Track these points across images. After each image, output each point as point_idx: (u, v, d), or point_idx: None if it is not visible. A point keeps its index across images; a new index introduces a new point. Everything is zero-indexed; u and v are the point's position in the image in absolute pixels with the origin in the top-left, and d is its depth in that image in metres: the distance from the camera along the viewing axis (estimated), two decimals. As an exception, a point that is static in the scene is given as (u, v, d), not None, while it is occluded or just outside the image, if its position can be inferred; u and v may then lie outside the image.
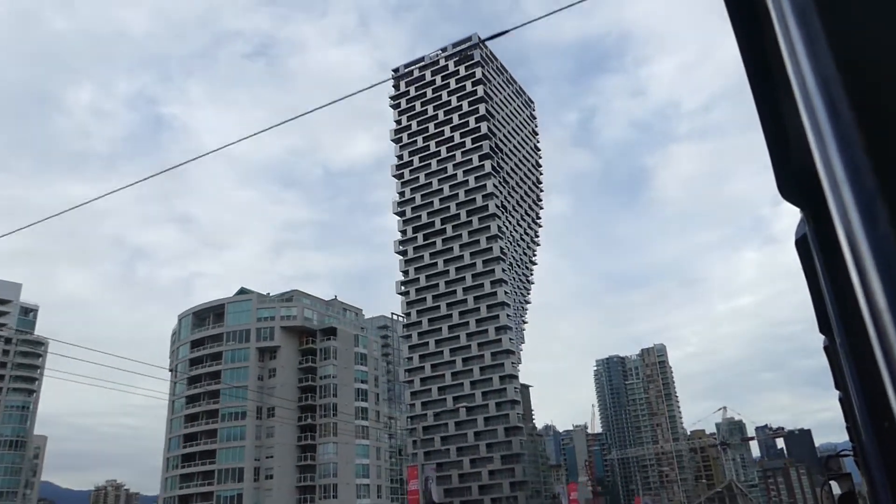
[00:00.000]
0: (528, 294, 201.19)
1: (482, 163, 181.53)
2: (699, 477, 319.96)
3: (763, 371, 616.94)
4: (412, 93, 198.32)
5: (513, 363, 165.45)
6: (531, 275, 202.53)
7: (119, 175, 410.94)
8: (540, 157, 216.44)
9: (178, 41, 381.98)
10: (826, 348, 4.91)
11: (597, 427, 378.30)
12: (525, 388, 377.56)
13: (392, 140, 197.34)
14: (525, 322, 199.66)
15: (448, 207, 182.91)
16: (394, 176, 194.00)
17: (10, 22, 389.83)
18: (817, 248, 2.09)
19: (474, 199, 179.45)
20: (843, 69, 0.94)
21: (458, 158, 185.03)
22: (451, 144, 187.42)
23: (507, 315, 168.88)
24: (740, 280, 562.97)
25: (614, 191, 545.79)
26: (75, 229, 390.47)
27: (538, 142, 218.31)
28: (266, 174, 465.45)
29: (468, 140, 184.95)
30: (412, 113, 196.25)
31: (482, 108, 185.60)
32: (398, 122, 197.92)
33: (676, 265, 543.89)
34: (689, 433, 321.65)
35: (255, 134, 13.05)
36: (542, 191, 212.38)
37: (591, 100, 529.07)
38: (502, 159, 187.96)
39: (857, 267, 0.85)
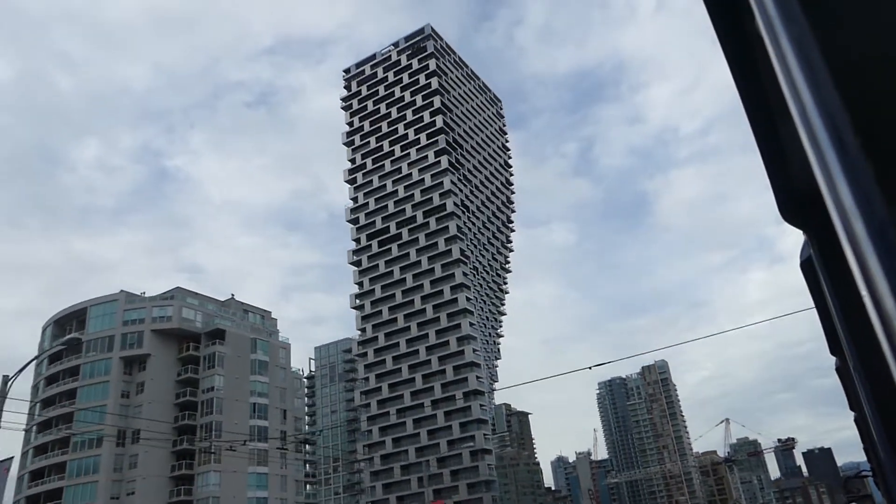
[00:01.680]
0: (503, 305, 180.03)
1: (438, 159, 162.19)
2: (713, 502, 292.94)
3: (779, 392, 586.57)
4: (364, 92, 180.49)
5: (478, 377, 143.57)
6: (504, 283, 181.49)
7: (125, 228, 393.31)
8: (510, 157, 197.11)
9: (179, 94, 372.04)
10: (838, 369, 4.85)
11: (602, 453, 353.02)
12: (524, 416, 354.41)
13: (344, 144, 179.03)
14: (500, 336, 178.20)
15: (403, 210, 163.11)
16: (346, 181, 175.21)
17: (18, 84, 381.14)
18: (823, 271, 1.98)
19: (431, 198, 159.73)
20: (843, 91, 0.88)
21: (413, 157, 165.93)
22: (405, 143, 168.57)
23: (471, 324, 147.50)
24: (749, 301, 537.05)
25: (617, 218, 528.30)
26: (80, 284, 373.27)
27: (507, 140, 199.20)
28: (271, 219, 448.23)
29: (423, 136, 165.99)
30: (364, 113, 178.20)
31: (437, 101, 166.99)
32: (350, 124, 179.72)
33: (683, 289, 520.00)
34: (699, 454, 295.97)
35: None
36: (513, 192, 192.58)
37: (589, 129, 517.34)
38: (462, 156, 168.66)
39: (867, 286, 0.80)
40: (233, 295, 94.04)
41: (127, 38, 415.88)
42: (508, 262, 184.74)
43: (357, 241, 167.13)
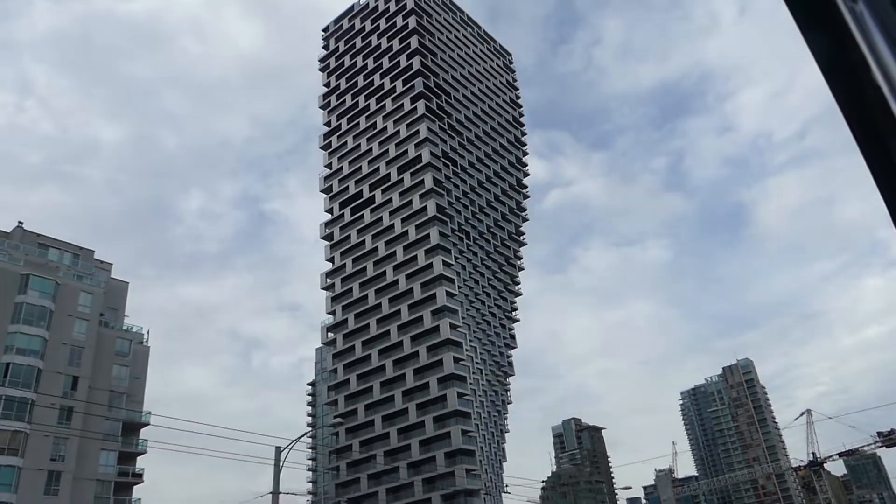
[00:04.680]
0: (516, 284, 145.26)
1: (414, 105, 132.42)
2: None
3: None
4: (341, 48, 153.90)
5: (457, 358, 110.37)
6: (518, 257, 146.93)
7: (230, 271, 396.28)
8: (521, 114, 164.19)
9: (273, 142, 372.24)
10: None
11: (686, 468, 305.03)
12: (596, 432, 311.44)
13: (320, 107, 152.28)
14: (515, 319, 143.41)
15: (377, 169, 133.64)
16: (321, 147, 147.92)
17: (131, 145, 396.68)
18: None
19: (406, 150, 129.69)
20: None
21: (389, 108, 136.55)
22: (380, 94, 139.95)
23: (448, 293, 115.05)
24: (866, 309, 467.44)
25: (715, 231, 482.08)
26: (193, 327, 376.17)
27: (518, 96, 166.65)
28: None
29: (399, 83, 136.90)
30: (341, 70, 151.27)
31: (414, 41, 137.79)
32: (327, 84, 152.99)
33: (792, 300, 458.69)
34: (801, 465, 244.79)
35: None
36: (525, 153, 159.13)
37: (678, 143, 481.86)
38: (449, 103, 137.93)
39: None
40: (20, 223, 67.08)
41: (225, 95, 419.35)
42: (523, 235, 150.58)
43: (330, 211, 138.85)
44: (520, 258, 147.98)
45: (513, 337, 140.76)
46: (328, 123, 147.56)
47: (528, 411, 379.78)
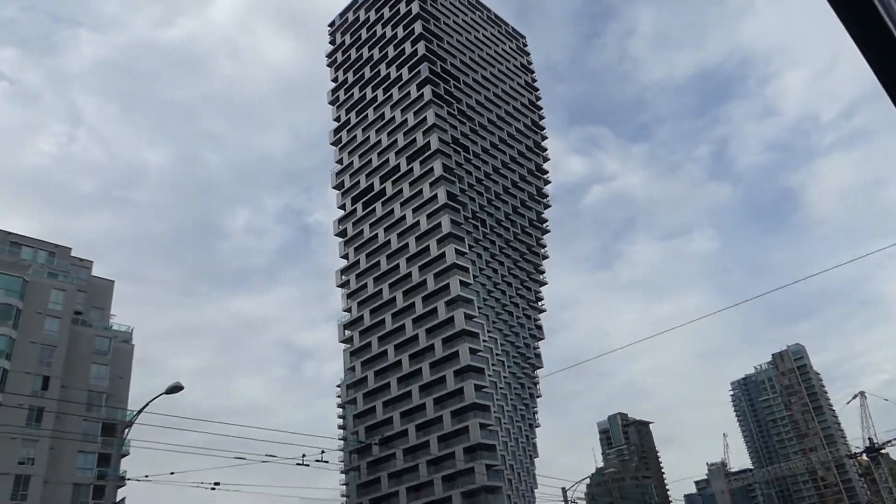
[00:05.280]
0: (541, 273, 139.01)
1: (420, 91, 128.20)
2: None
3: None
4: (347, 41, 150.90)
5: (473, 350, 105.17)
6: (540, 248, 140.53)
7: (278, 284, 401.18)
8: (539, 98, 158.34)
9: (311, 154, 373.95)
10: None
11: (741, 461, 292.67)
12: (643, 426, 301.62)
13: (329, 102, 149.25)
14: (541, 309, 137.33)
15: (387, 161, 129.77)
16: (332, 143, 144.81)
17: (175, 166, 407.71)
18: None
19: (414, 139, 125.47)
20: None
21: (396, 97, 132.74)
22: (387, 83, 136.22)
23: (462, 282, 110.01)
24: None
25: (762, 217, 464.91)
26: (247, 341, 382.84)
27: (534, 79, 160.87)
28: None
29: (405, 70, 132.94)
30: (348, 64, 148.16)
31: (418, 27, 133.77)
32: (335, 79, 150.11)
33: (847, 286, 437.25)
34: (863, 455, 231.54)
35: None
36: (545, 137, 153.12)
37: (720, 130, 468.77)
38: (458, 87, 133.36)
39: None
40: (-10, 222, 64.87)
41: (261, 111, 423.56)
42: (546, 222, 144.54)
43: (342, 207, 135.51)
44: (543, 246, 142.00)
45: (539, 328, 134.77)
46: (337, 118, 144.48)
47: (577, 409, 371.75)
